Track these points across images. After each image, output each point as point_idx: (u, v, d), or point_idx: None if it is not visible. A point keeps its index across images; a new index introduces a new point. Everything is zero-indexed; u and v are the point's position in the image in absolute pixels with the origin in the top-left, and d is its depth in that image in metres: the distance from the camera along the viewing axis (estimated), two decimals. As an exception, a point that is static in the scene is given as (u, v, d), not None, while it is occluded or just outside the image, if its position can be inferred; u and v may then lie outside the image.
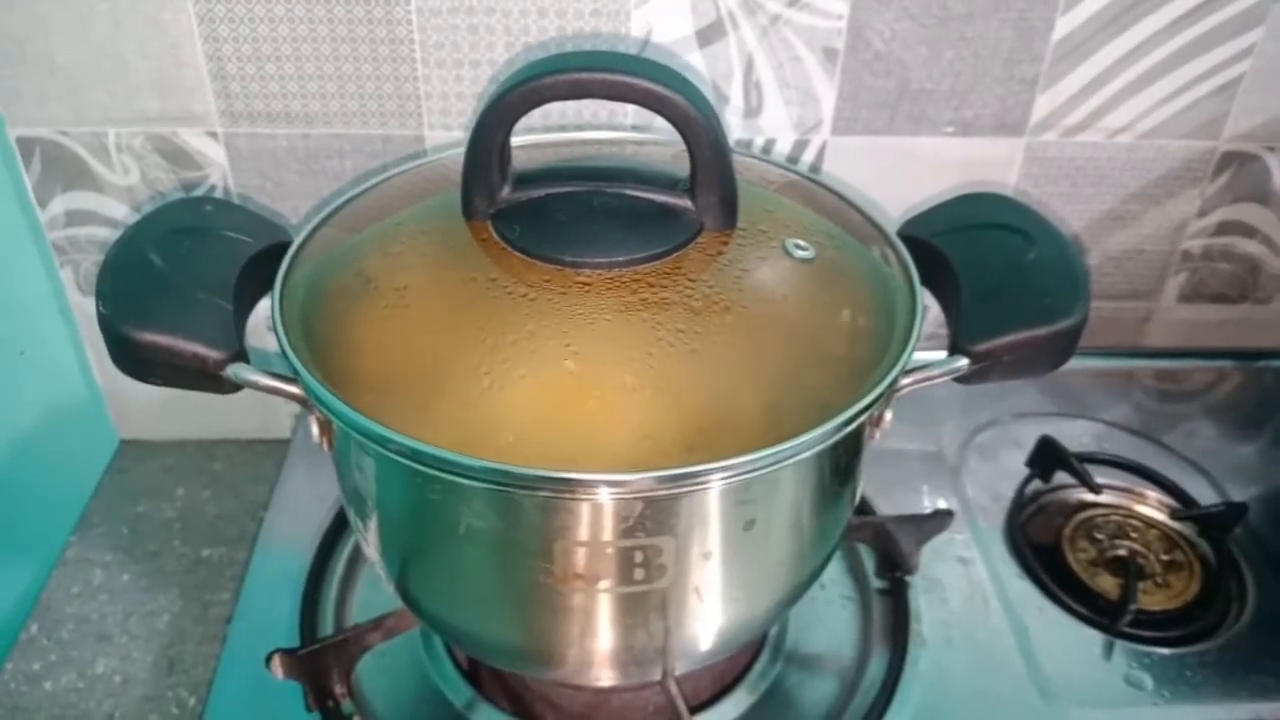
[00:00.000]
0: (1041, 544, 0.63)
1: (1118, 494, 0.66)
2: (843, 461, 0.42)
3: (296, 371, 0.39)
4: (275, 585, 0.59)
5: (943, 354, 0.43)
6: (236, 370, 0.41)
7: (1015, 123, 0.69)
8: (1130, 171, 0.72)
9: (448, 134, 0.66)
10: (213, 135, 0.65)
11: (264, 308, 0.44)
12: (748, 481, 0.36)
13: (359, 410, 0.37)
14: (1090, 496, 0.65)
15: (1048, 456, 0.66)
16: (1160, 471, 0.67)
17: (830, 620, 0.57)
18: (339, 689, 0.52)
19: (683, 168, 0.43)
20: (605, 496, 0.36)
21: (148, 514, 0.72)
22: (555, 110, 0.58)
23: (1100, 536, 0.63)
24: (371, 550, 0.45)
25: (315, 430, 0.42)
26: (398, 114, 0.65)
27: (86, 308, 0.71)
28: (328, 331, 0.41)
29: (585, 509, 0.36)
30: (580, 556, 0.38)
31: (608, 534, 0.37)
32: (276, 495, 0.67)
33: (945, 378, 0.42)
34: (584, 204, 0.43)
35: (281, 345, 0.40)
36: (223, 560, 0.68)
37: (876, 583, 0.59)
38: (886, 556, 0.59)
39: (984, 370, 0.41)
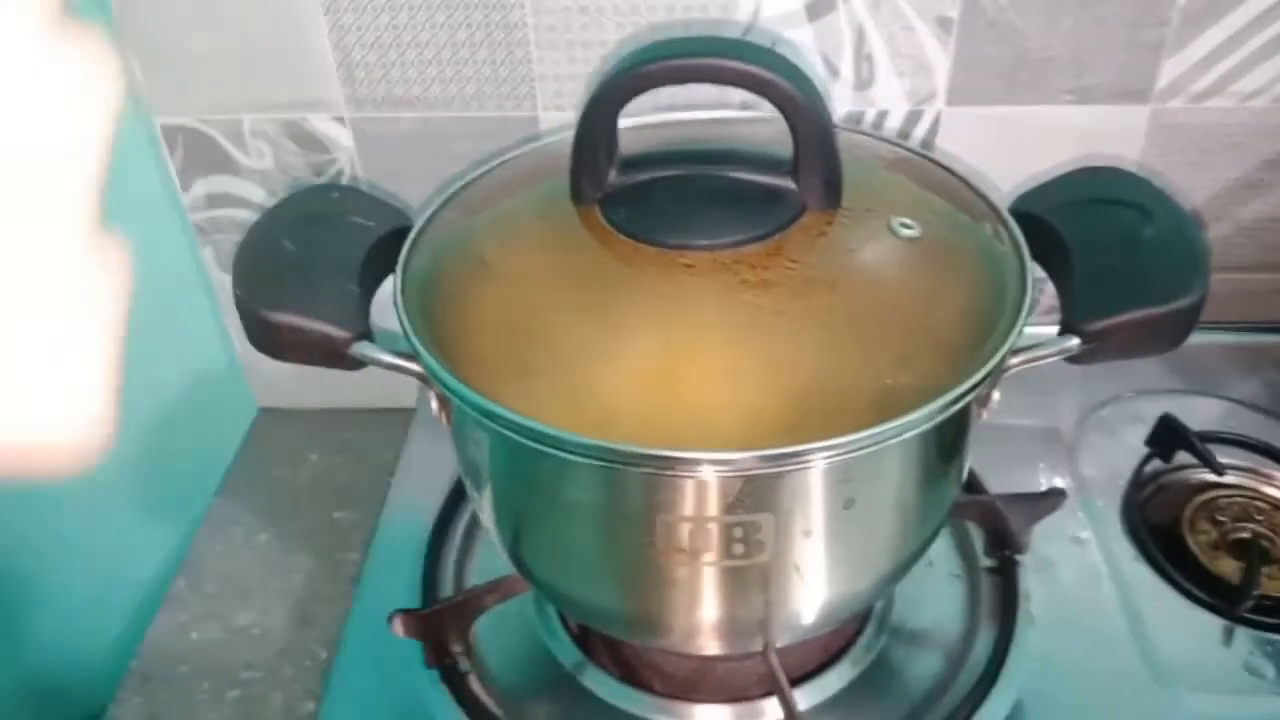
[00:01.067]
0: (1160, 525, 0.61)
1: (1243, 474, 0.63)
2: (948, 442, 0.42)
3: (416, 351, 0.41)
4: (400, 548, 0.62)
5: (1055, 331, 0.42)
6: (361, 349, 0.43)
7: (1139, 89, 0.66)
8: (1265, 136, 0.68)
9: (561, 114, 0.67)
10: (339, 120, 0.68)
11: (388, 288, 0.47)
12: (849, 462, 0.37)
13: (473, 387, 0.39)
14: (1213, 477, 0.63)
15: (1169, 435, 0.64)
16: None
17: (937, 597, 0.57)
18: (456, 647, 0.55)
19: (788, 147, 0.44)
20: (706, 474, 0.37)
21: (283, 478, 0.76)
22: (665, 92, 0.59)
23: (1223, 519, 0.61)
24: (486, 519, 0.47)
25: (434, 405, 0.44)
26: (512, 96, 0.67)
27: (226, 284, 0.75)
28: (446, 312, 0.43)
29: (687, 485, 0.38)
30: (682, 531, 0.39)
31: (709, 510, 0.38)
32: (402, 463, 0.70)
33: (1056, 357, 0.41)
34: (688, 187, 0.43)
35: (402, 325, 0.42)
36: (352, 523, 0.71)
37: (985, 561, 0.58)
38: (996, 535, 0.58)
39: (1096, 350, 0.41)
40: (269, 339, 0.43)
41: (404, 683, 0.55)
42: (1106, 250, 0.42)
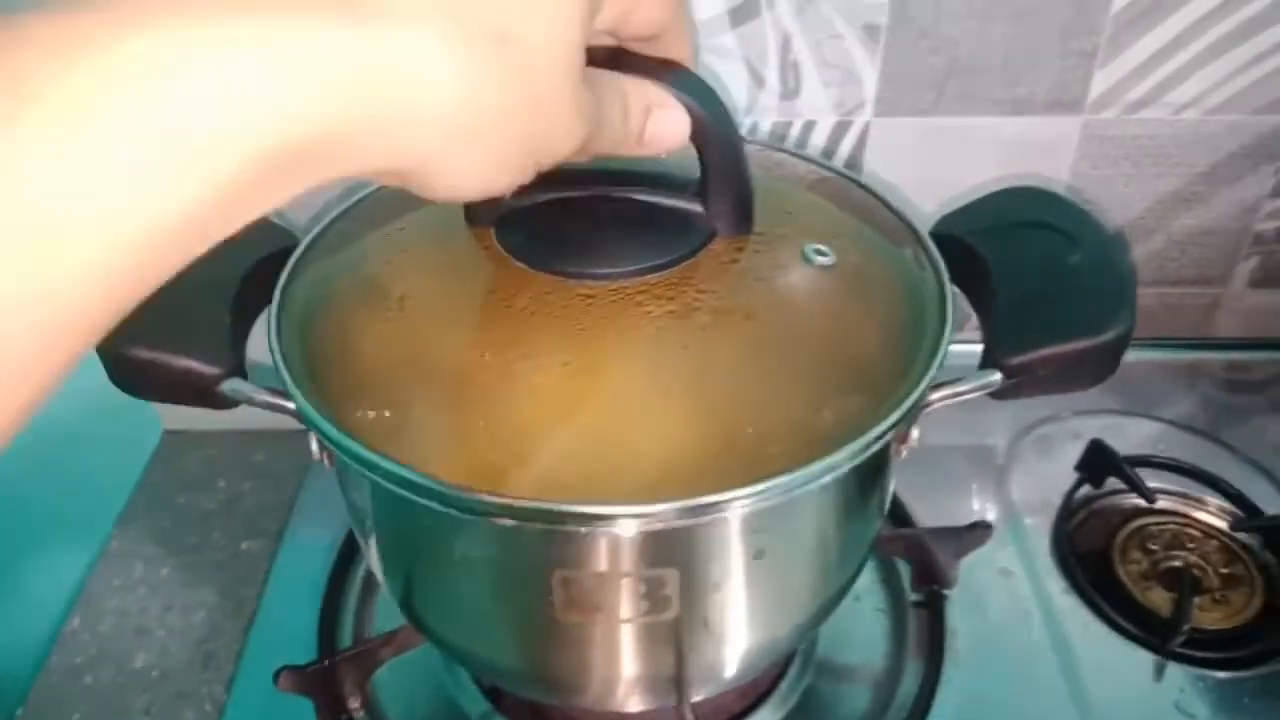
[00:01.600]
0: (1091, 554, 0.59)
1: (1174, 499, 0.62)
2: (865, 481, 0.40)
3: (288, 389, 0.38)
4: (298, 589, 0.59)
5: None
6: (233, 386, 0.39)
7: (1072, 100, 0.65)
8: (1197, 149, 0.67)
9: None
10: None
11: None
12: (759, 511, 0.34)
13: (350, 432, 0.36)
14: (1144, 503, 0.61)
15: (1099, 461, 0.62)
16: (1222, 476, 0.63)
17: (864, 632, 0.55)
18: (353, 702, 0.51)
19: (695, 169, 0.41)
20: (603, 529, 0.34)
21: (189, 505, 0.72)
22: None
23: (1154, 547, 0.59)
24: (376, 569, 0.44)
25: (314, 447, 0.41)
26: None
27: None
28: (327, 342, 0.40)
29: (584, 541, 0.35)
30: (581, 588, 0.36)
31: (608, 566, 0.35)
32: (303, 494, 0.66)
33: (977, 393, 0.39)
34: (588, 210, 0.40)
35: (275, 360, 0.38)
36: (261, 553, 0.67)
37: (912, 595, 0.56)
38: (923, 569, 0.56)
39: (1020, 385, 0.38)
40: (127, 376, 0.40)
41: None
42: (1031, 278, 0.40)
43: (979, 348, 0.40)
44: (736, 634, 0.40)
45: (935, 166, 0.66)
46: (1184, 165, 0.68)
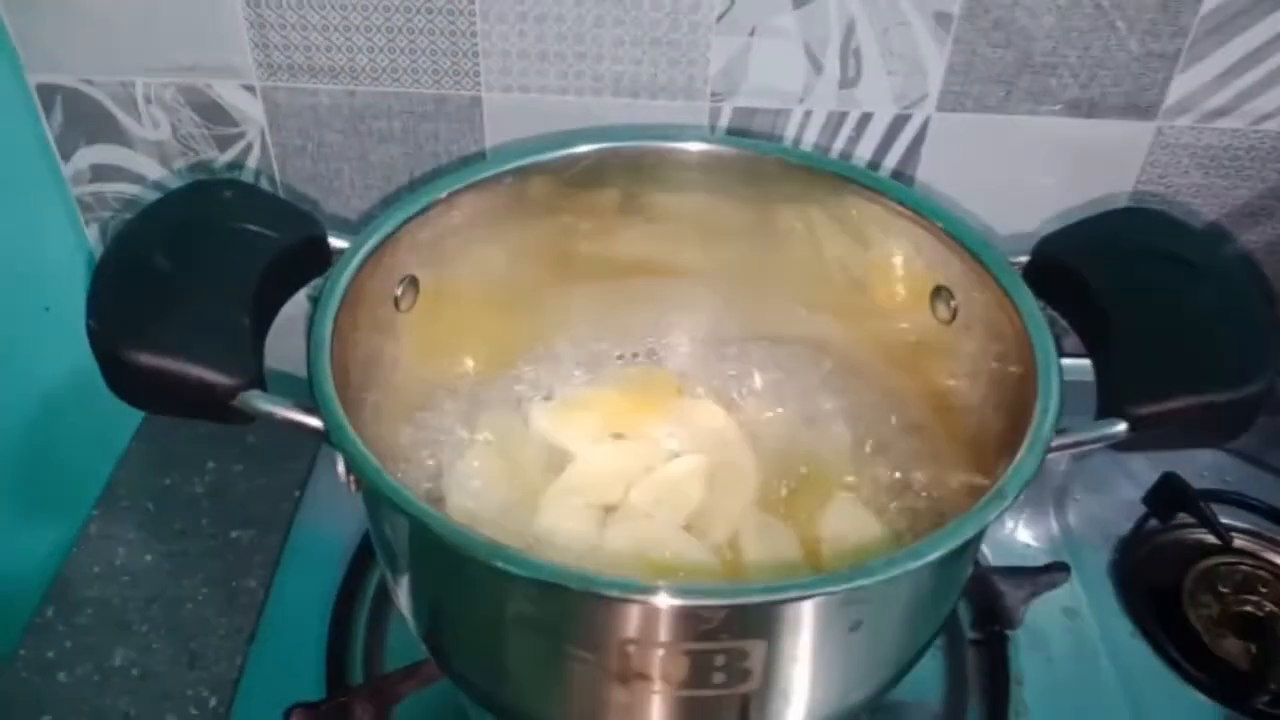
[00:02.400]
0: (1158, 595, 0.56)
1: (1246, 538, 0.58)
2: (965, 554, 0.36)
3: (335, 430, 0.32)
4: (303, 606, 0.54)
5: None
6: (251, 400, 0.35)
7: (1148, 104, 0.61)
8: (1274, 162, 0.63)
9: (506, 96, 0.59)
10: (249, 89, 0.60)
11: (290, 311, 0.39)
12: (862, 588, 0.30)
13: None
14: (1213, 540, 0.57)
15: (1171, 496, 0.58)
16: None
17: (918, 671, 0.51)
18: (371, 741, 0.46)
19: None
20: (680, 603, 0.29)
21: (175, 488, 0.67)
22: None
23: (1224, 589, 0.55)
24: (402, 604, 0.39)
25: (340, 468, 0.36)
26: (452, 72, 0.58)
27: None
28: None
29: (655, 614, 0.30)
30: (647, 657, 0.32)
31: (683, 637, 0.31)
32: (309, 492, 0.61)
33: (1098, 446, 0.34)
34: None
35: (314, 377, 0.33)
36: (253, 544, 0.63)
37: (970, 634, 0.52)
38: (987, 607, 0.52)
39: (1145, 439, 0.34)
40: (132, 386, 0.35)
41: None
42: (1154, 315, 0.36)
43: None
44: (815, 704, 0.36)
45: (995, 167, 0.63)
46: (1256, 179, 0.64)
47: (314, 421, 0.34)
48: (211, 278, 0.36)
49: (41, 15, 0.56)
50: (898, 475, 0.48)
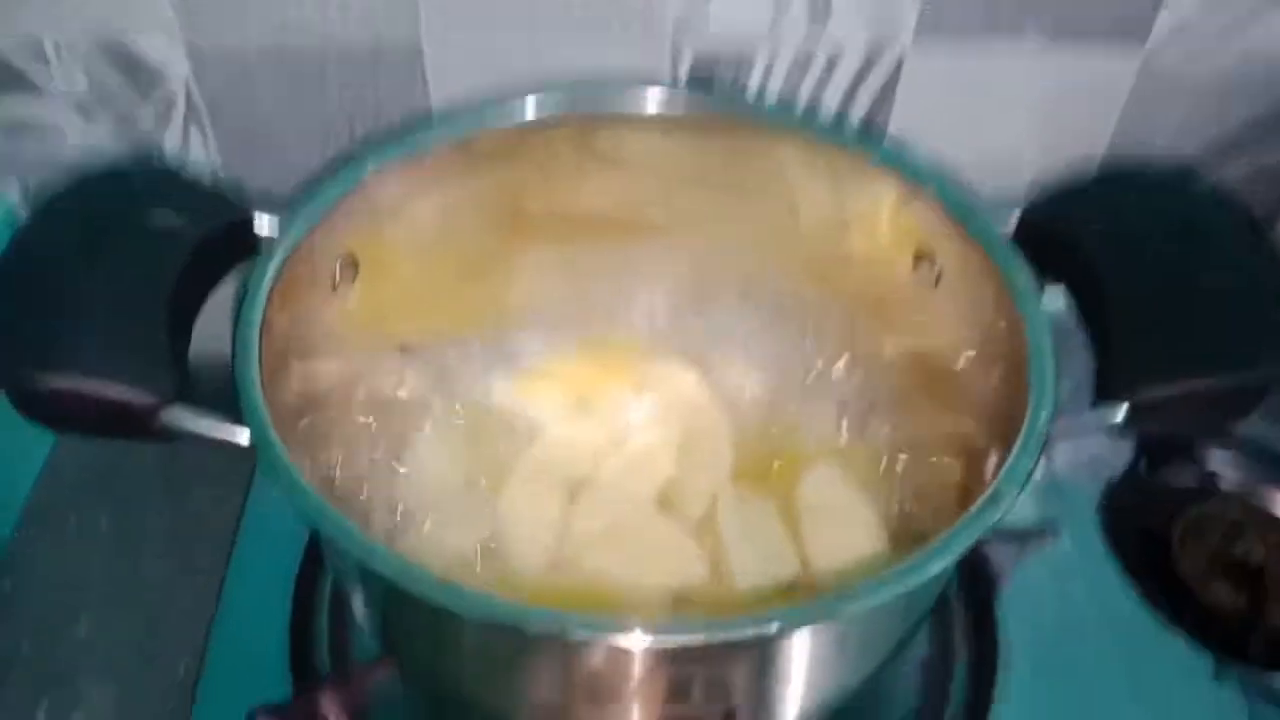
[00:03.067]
0: (1146, 540, 0.54)
1: (1240, 484, 0.56)
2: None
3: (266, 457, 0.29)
4: (261, 593, 0.51)
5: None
6: (175, 417, 0.31)
7: (1137, 30, 0.57)
8: (1261, 94, 0.60)
9: (448, 37, 0.55)
10: (170, 39, 0.55)
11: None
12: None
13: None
14: (1206, 487, 0.56)
15: (1165, 442, 0.56)
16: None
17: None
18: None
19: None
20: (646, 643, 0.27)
21: (127, 447, 0.63)
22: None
23: (1214, 537, 0.54)
24: (359, 614, 0.37)
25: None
26: (387, 15, 0.54)
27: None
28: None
29: (625, 653, 0.28)
30: (618, 686, 0.29)
31: (657, 666, 0.28)
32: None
33: (1094, 431, 0.32)
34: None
35: (245, 403, 0.30)
36: (215, 511, 0.59)
37: (956, 597, 0.51)
38: (971, 568, 0.50)
39: (1146, 423, 0.32)
40: (41, 409, 0.31)
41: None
42: (1157, 288, 0.33)
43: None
44: (804, 705, 0.34)
45: (974, 102, 0.59)
46: (1245, 109, 0.61)
47: (245, 440, 0.31)
48: (122, 283, 0.32)
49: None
50: (881, 442, 0.45)
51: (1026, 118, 0.59)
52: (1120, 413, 0.31)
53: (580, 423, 0.50)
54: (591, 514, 0.46)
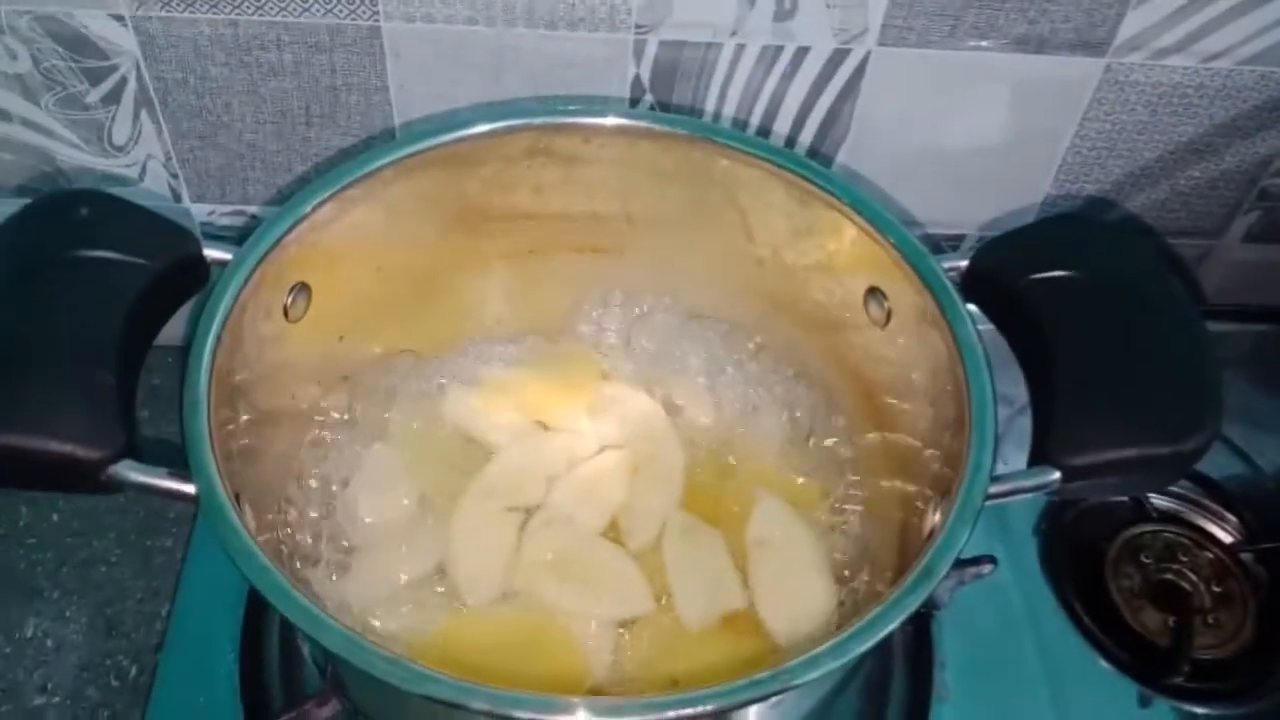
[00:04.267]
0: (1081, 562, 0.55)
1: (1176, 505, 0.57)
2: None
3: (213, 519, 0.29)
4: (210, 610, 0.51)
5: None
6: (123, 472, 0.31)
7: (1099, 40, 0.57)
8: (1221, 101, 0.61)
9: (409, 25, 0.54)
10: (118, 19, 0.54)
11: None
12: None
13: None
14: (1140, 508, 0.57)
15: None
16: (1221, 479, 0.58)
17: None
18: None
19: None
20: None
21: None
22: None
23: (1147, 559, 0.55)
24: (306, 654, 0.37)
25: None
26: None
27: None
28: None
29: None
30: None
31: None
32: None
33: (1030, 494, 0.33)
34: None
35: (191, 454, 0.30)
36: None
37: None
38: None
39: (1078, 486, 0.33)
40: (-13, 471, 0.31)
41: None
42: (1097, 352, 0.34)
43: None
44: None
45: (936, 104, 0.59)
46: (1203, 116, 0.62)
47: (193, 490, 0.31)
48: (66, 329, 0.31)
49: None
50: (828, 473, 0.46)
51: (991, 115, 0.60)
52: (1054, 476, 0.32)
53: (534, 445, 0.50)
54: (542, 543, 0.46)
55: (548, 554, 0.44)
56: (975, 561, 0.50)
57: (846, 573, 0.44)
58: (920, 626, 0.51)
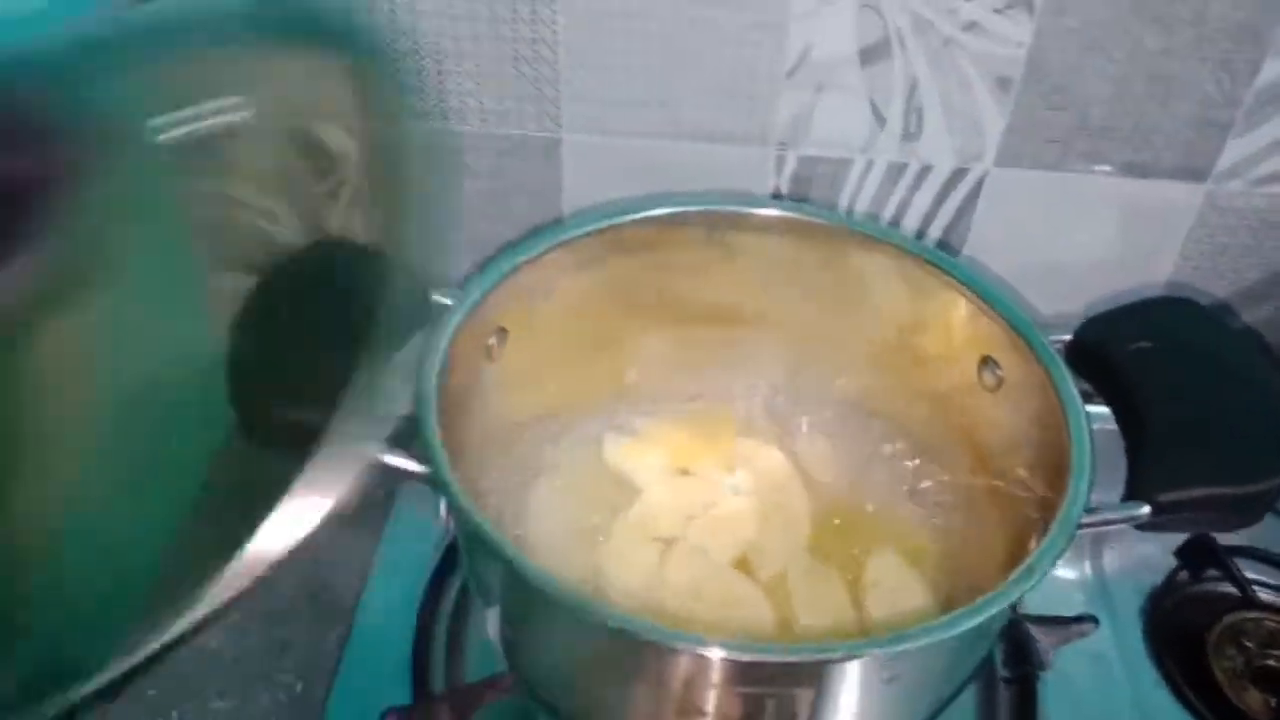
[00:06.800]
0: (1184, 645, 0.58)
1: (1273, 593, 0.60)
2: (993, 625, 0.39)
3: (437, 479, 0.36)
4: (393, 607, 0.57)
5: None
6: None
7: (1200, 168, 0.62)
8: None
9: (587, 138, 0.63)
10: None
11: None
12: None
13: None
14: (1241, 594, 0.59)
15: (1201, 552, 0.60)
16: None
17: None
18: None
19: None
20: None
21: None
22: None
23: (1249, 644, 0.58)
24: (490, 632, 0.44)
25: (443, 511, 0.41)
26: (535, 115, 0.62)
27: None
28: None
29: (715, 665, 0.34)
30: (703, 698, 0.36)
31: (738, 684, 0.35)
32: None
33: (1122, 524, 0.38)
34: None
35: (422, 435, 0.38)
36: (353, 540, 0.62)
37: (1003, 671, 0.56)
38: (1017, 649, 0.55)
39: (1166, 521, 0.38)
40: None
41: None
42: (1185, 406, 0.39)
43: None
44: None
45: (1047, 220, 0.64)
46: (1305, 246, 0.66)
47: (421, 468, 0.38)
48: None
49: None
50: (938, 532, 0.51)
51: (1098, 233, 0.65)
52: (1144, 510, 0.37)
53: (677, 487, 0.57)
54: (680, 568, 0.52)
55: (685, 578, 0.50)
56: (1078, 620, 0.54)
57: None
58: (1025, 690, 0.54)
